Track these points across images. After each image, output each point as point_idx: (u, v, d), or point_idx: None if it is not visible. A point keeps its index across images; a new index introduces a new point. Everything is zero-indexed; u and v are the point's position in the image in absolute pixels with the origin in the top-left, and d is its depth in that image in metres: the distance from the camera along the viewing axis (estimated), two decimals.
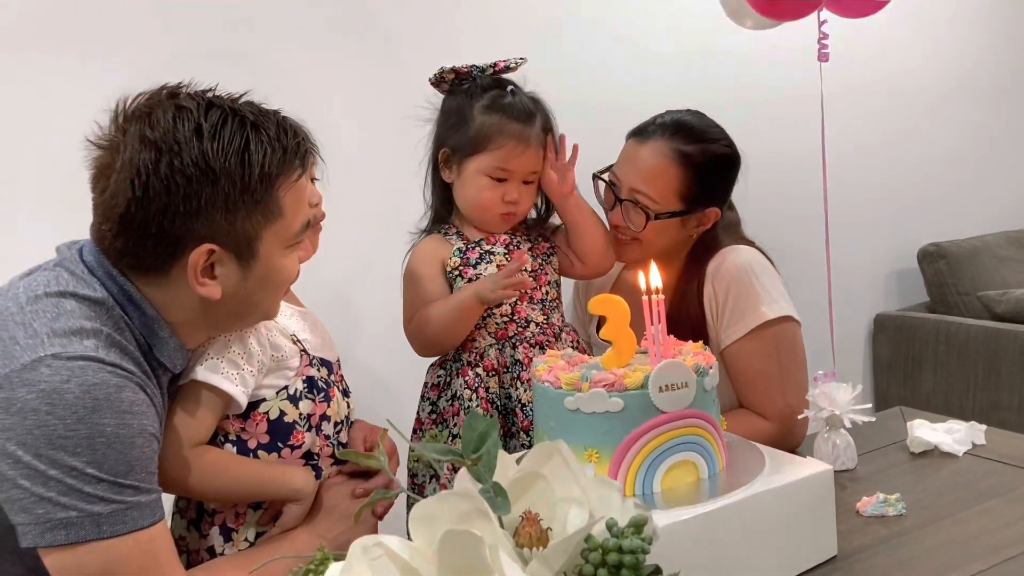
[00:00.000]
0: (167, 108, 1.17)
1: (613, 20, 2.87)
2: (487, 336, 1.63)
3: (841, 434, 1.63)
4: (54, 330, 1.12)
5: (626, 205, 1.76)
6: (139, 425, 1.14)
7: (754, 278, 1.75)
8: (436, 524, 0.75)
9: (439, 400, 1.66)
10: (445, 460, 0.79)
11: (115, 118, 1.20)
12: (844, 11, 1.93)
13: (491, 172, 1.61)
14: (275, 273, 1.27)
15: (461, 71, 1.64)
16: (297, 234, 1.28)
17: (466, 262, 1.64)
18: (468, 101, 1.62)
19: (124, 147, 1.16)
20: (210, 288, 1.22)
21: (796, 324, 1.78)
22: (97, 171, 1.20)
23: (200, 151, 1.15)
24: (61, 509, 1.08)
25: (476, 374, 1.61)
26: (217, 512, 1.37)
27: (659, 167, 1.74)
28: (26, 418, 1.07)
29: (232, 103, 1.22)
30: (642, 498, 1.22)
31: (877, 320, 3.63)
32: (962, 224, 3.73)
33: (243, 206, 1.19)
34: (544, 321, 1.65)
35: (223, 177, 1.17)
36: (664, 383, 1.22)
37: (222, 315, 1.27)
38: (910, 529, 1.39)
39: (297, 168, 1.25)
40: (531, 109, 1.63)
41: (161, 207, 1.15)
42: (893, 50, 3.51)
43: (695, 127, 1.78)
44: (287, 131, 1.24)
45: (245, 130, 1.19)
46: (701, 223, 1.81)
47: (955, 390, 3.33)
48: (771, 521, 1.24)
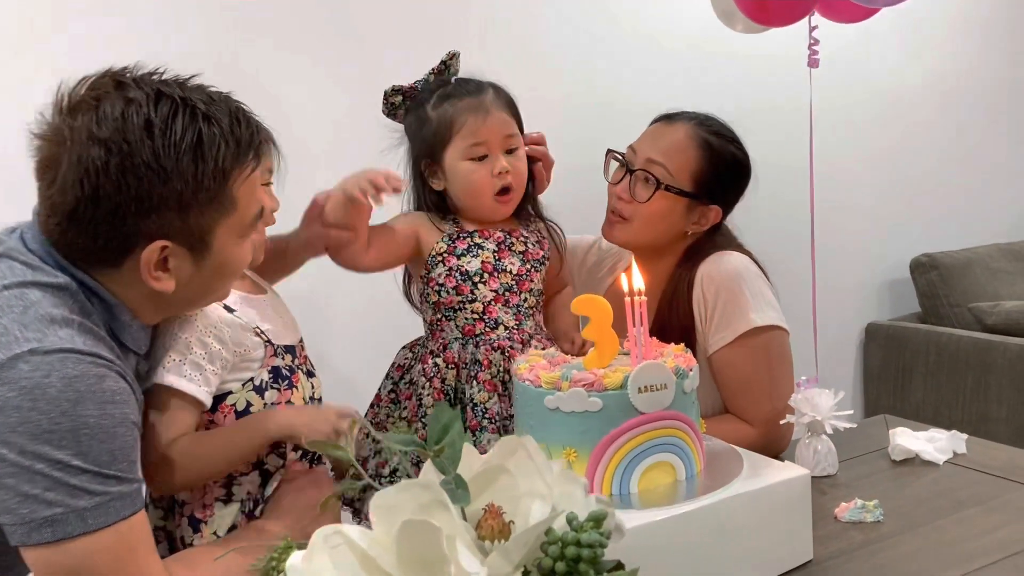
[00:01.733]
0: (115, 101, 1.14)
1: (599, 27, 2.87)
2: (455, 329, 1.62)
3: (823, 440, 1.63)
4: (25, 324, 1.10)
5: (637, 175, 1.79)
6: (121, 414, 1.13)
7: (744, 284, 1.75)
8: (396, 514, 0.75)
9: (400, 381, 1.67)
10: (409, 451, 0.79)
11: (59, 107, 1.16)
12: (835, 16, 1.93)
13: (468, 153, 1.60)
14: (229, 263, 1.26)
15: (406, 89, 1.65)
16: (251, 224, 1.27)
17: (452, 250, 1.63)
18: (420, 108, 1.63)
19: (71, 142, 1.13)
20: (164, 282, 1.20)
21: (784, 333, 1.78)
22: (42, 163, 1.16)
23: (152, 151, 1.13)
24: (46, 507, 1.07)
25: (435, 364, 1.60)
26: (186, 503, 1.37)
27: (682, 144, 1.79)
28: (9, 416, 1.06)
29: (182, 90, 1.18)
30: (619, 498, 1.22)
31: (868, 329, 3.63)
32: (955, 235, 3.73)
33: (197, 203, 1.17)
34: (515, 326, 1.63)
35: (175, 176, 1.14)
36: (643, 384, 1.22)
37: (175, 302, 1.26)
38: (886, 536, 1.39)
39: (251, 160, 1.23)
40: (480, 83, 1.64)
41: (112, 207, 1.13)
42: (885, 59, 3.52)
43: (721, 124, 1.85)
44: (240, 121, 1.21)
45: (197, 123, 1.16)
46: (700, 220, 1.82)
47: (945, 401, 3.33)
48: (747, 524, 1.24)
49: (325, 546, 0.76)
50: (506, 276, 1.63)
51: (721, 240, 1.85)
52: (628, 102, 2.73)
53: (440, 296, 1.62)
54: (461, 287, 1.61)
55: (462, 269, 1.61)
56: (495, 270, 1.62)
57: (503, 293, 1.62)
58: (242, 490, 1.38)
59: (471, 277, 1.61)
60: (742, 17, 1.92)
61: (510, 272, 1.63)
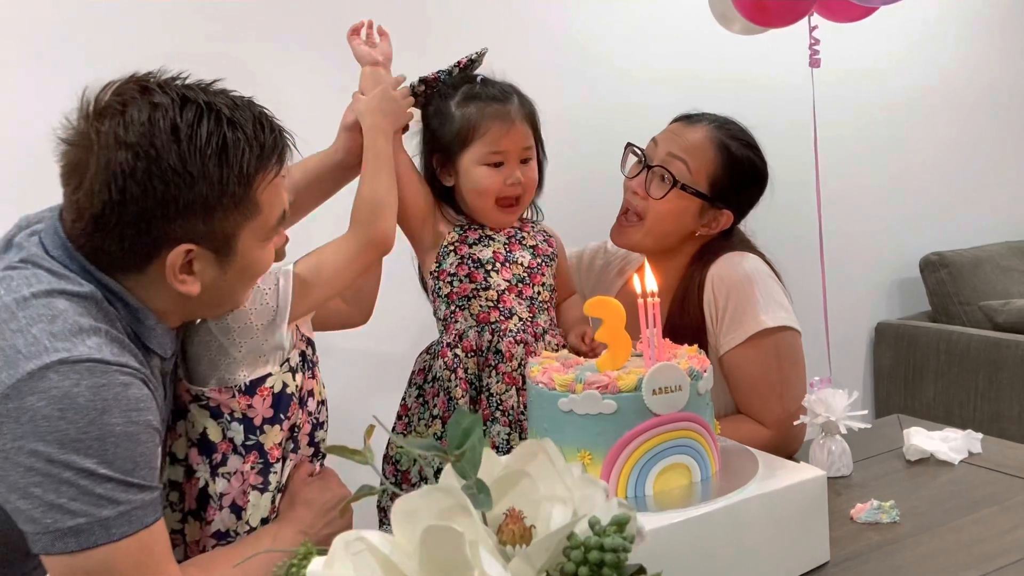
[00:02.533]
0: (142, 106, 1.15)
1: (601, 27, 2.87)
2: (469, 318, 1.62)
3: (837, 440, 1.62)
4: (54, 334, 1.11)
5: (654, 171, 1.79)
6: (144, 421, 1.14)
7: (755, 285, 1.75)
8: (418, 519, 0.75)
9: (424, 384, 1.67)
10: (430, 455, 0.79)
11: (85, 113, 1.17)
12: (834, 16, 1.92)
13: (485, 159, 1.62)
14: (252, 266, 1.28)
15: (429, 79, 1.65)
16: (274, 228, 1.29)
17: (463, 239, 1.64)
18: (444, 103, 1.64)
19: (98, 147, 1.13)
20: (189, 285, 1.21)
21: (796, 334, 1.78)
22: (68, 168, 1.17)
23: (178, 155, 1.14)
24: (70, 516, 1.08)
25: (455, 354, 1.61)
26: (224, 495, 1.38)
27: (702, 145, 1.80)
28: (38, 425, 1.07)
29: (206, 95, 1.20)
30: (634, 500, 1.22)
31: (878, 329, 3.62)
32: (965, 234, 3.72)
33: (221, 207, 1.18)
34: (529, 318, 1.64)
35: (201, 180, 1.15)
36: (657, 386, 1.22)
37: (198, 306, 1.28)
38: (903, 536, 1.39)
39: (275, 165, 1.24)
40: (506, 89, 1.65)
41: (138, 211, 1.14)
42: (891, 57, 3.50)
43: (742, 129, 1.86)
44: (264, 126, 1.22)
45: (222, 128, 1.17)
46: (712, 224, 1.82)
47: (956, 400, 3.32)
48: (763, 525, 1.23)
49: (347, 552, 0.76)
50: (518, 268, 1.64)
51: (733, 241, 1.85)
52: (629, 107, 2.73)
53: (453, 286, 1.63)
54: (474, 274, 1.62)
55: (474, 256, 1.62)
56: (507, 261, 1.64)
57: (516, 284, 1.64)
58: (276, 479, 1.40)
59: (483, 264, 1.62)
60: (740, 18, 1.91)
61: (521, 264, 1.65)
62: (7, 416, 1.08)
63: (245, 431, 1.37)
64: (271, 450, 1.38)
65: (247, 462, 1.37)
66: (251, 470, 1.37)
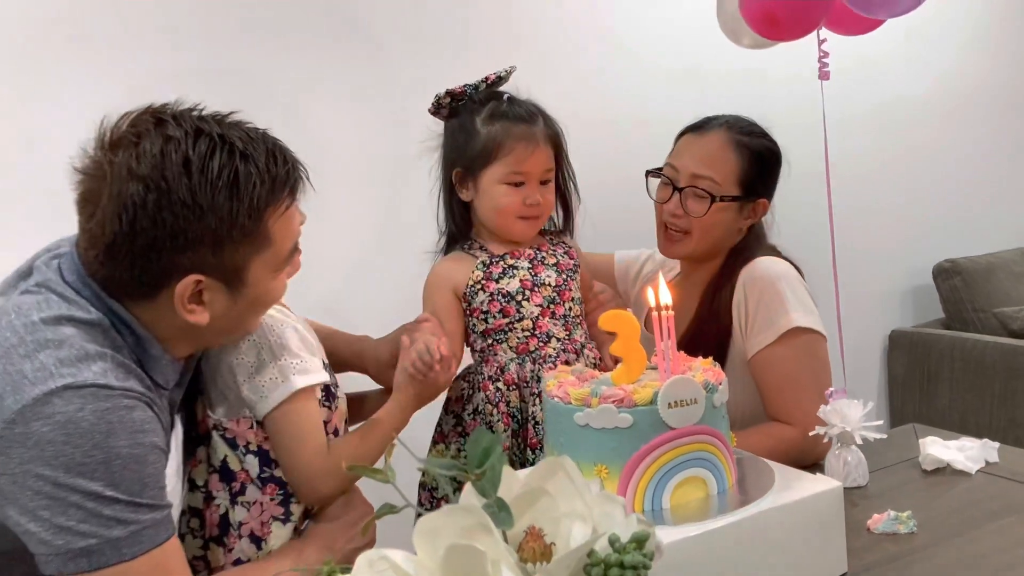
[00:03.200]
0: (155, 138, 1.16)
1: (612, 39, 2.88)
2: (508, 351, 1.64)
3: (852, 451, 1.62)
4: (60, 360, 1.13)
5: (686, 192, 1.82)
6: (150, 442, 1.16)
7: (785, 286, 1.77)
8: (440, 538, 0.76)
9: (463, 413, 1.67)
10: (450, 475, 0.80)
11: (101, 143, 1.19)
12: (843, 29, 1.93)
13: (507, 178, 1.63)
14: (263, 295, 1.29)
15: (456, 92, 1.66)
16: (286, 259, 1.29)
17: (488, 276, 1.65)
18: (469, 118, 1.65)
19: (111, 177, 1.15)
20: (198, 315, 1.22)
21: (823, 338, 1.80)
22: (83, 197, 1.19)
23: (188, 188, 1.15)
24: (81, 538, 1.10)
25: (497, 388, 1.62)
26: (243, 523, 1.38)
27: (720, 153, 1.83)
28: (44, 450, 1.09)
29: (220, 127, 1.21)
30: (651, 514, 1.22)
31: (892, 337, 3.62)
32: (977, 240, 3.71)
33: (231, 239, 1.19)
34: (566, 337, 1.66)
35: (211, 213, 1.16)
36: (673, 399, 1.22)
37: (208, 334, 1.29)
38: (921, 547, 1.38)
39: (286, 198, 1.25)
40: (532, 110, 1.67)
41: (148, 241, 1.15)
42: (900, 66, 3.51)
43: (748, 122, 1.90)
44: (276, 158, 1.23)
45: (234, 161, 1.18)
46: (752, 215, 1.87)
47: (971, 407, 3.31)
48: (780, 538, 1.23)
49: (370, 571, 0.77)
50: (546, 289, 1.66)
51: (764, 247, 1.89)
52: (641, 117, 2.75)
53: (488, 323, 1.64)
54: (507, 309, 1.63)
55: (503, 291, 1.63)
56: (535, 285, 1.65)
57: (548, 306, 1.65)
58: (298, 509, 1.41)
59: (514, 297, 1.63)
60: (749, 33, 1.92)
61: (549, 285, 1.66)
62: (14, 441, 1.09)
63: (260, 464, 1.38)
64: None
65: (266, 493, 1.38)
66: (271, 501, 1.38)
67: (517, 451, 1.63)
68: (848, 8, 1.85)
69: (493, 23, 2.67)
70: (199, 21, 2.23)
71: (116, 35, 2.14)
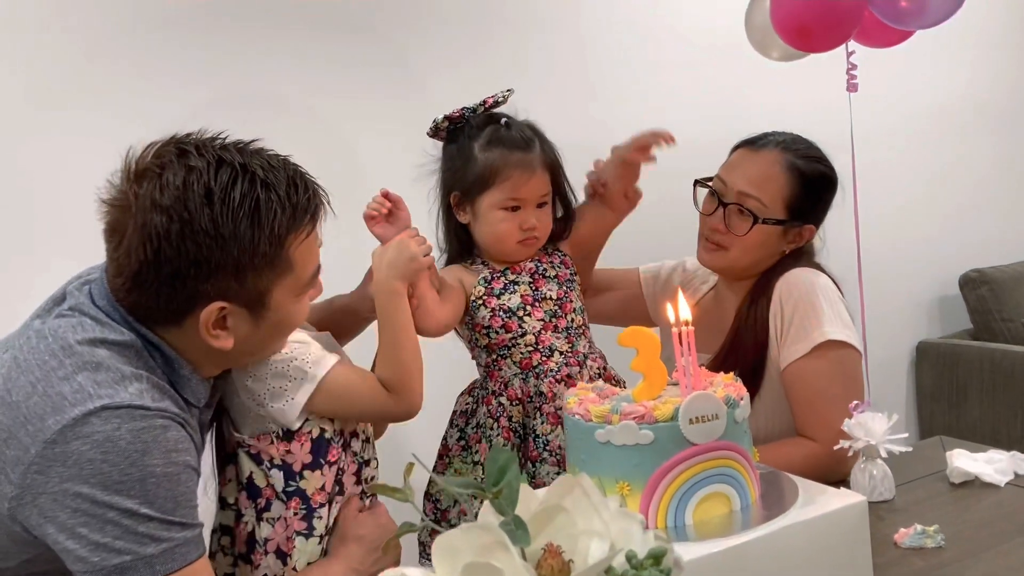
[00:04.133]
0: (178, 169, 1.19)
1: (639, 54, 2.89)
2: (512, 365, 1.65)
3: (878, 464, 1.61)
4: (98, 381, 1.16)
5: (731, 209, 1.81)
6: (183, 461, 1.19)
7: (822, 299, 1.76)
8: (458, 556, 0.76)
9: (467, 427, 1.68)
10: (467, 493, 0.80)
11: (126, 174, 1.22)
12: (871, 41, 1.93)
13: (503, 204, 1.65)
14: (287, 319, 1.32)
15: (454, 116, 1.68)
16: (308, 283, 1.32)
17: (490, 291, 1.67)
18: (467, 143, 1.66)
19: (136, 209, 1.18)
20: (223, 340, 1.25)
21: (858, 354, 1.78)
22: (110, 227, 1.23)
23: (211, 218, 1.18)
24: (116, 555, 1.12)
25: (499, 403, 1.64)
26: (268, 540, 1.40)
27: (771, 173, 1.81)
28: (83, 468, 1.12)
29: (242, 156, 1.23)
30: (674, 530, 1.22)
31: (919, 348, 3.58)
32: (1004, 250, 3.68)
33: (253, 266, 1.22)
34: (568, 350, 1.67)
35: (233, 241, 1.19)
36: (694, 415, 1.22)
37: (233, 357, 1.32)
38: (949, 561, 1.37)
39: (307, 225, 1.27)
40: (528, 136, 1.67)
41: (172, 270, 1.19)
42: (927, 76, 3.49)
43: (807, 144, 1.87)
44: (297, 186, 1.26)
45: (255, 190, 1.21)
46: (797, 239, 1.85)
47: (1002, 418, 3.27)
48: (805, 553, 1.22)
49: None
50: (548, 303, 1.66)
51: (803, 259, 1.87)
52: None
53: (491, 338, 1.65)
54: (508, 324, 1.64)
55: (504, 307, 1.64)
56: (535, 300, 1.66)
57: (550, 320, 1.66)
58: (321, 524, 1.41)
59: (515, 312, 1.64)
60: (779, 45, 1.93)
61: (551, 298, 1.68)
62: (55, 460, 1.13)
63: (285, 477, 1.39)
64: (314, 495, 1.40)
65: (290, 508, 1.39)
66: (294, 516, 1.39)
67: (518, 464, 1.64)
68: (878, 20, 1.85)
69: (534, 50, 2.69)
70: (225, 53, 2.27)
71: (146, 65, 2.18)
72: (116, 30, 2.14)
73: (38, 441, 1.13)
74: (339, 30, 2.42)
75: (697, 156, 1.93)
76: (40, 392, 1.15)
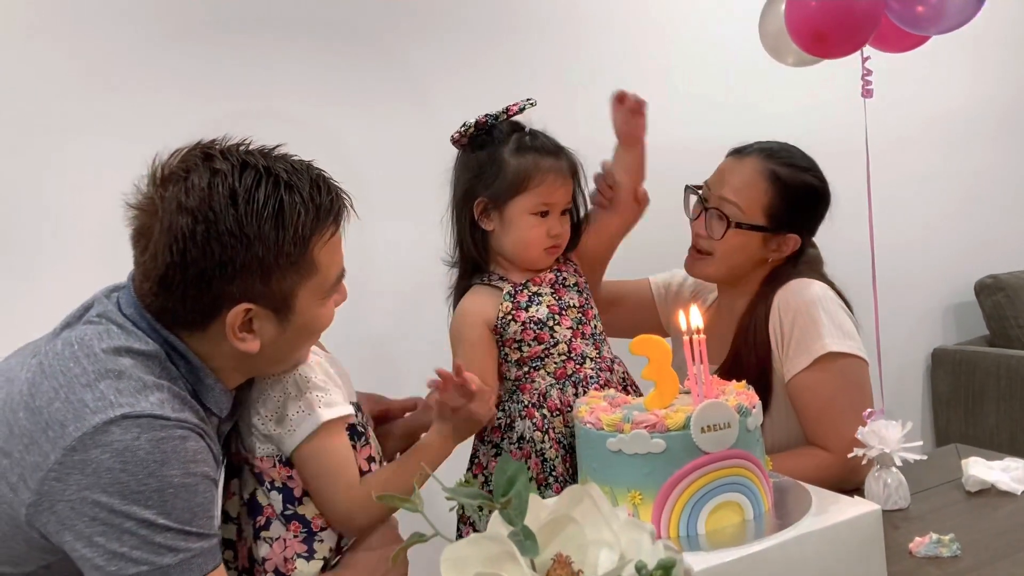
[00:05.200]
0: (203, 172, 1.21)
1: (650, 58, 2.88)
2: (547, 376, 1.65)
3: (893, 473, 1.60)
4: (120, 390, 1.17)
5: (710, 212, 1.83)
6: (201, 472, 1.20)
7: (821, 311, 1.75)
8: (467, 566, 0.76)
9: (502, 442, 1.68)
10: (476, 504, 0.80)
11: (153, 179, 1.24)
12: (887, 47, 1.92)
13: (535, 209, 1.65)
14: (312, 323, 1.32)
15: (479, 122, 1.68)
16: (333, 286, 1.33)
17: (517, 306, 1.67)
18: (495, 149, 1.67)
19: (162, 212, 1.20)
20: (249, 343, 1.26)
21: (862, 362, 1.77)
22: (137, 232, 1.24)
23: (235, 219, 1.19)
24: (133, 564, 1.13)
25: (543, 415, 1.63)
26: (267, 559, 1.39)
27: (751, 180, 1.82)
28: (101, 477, 1.13)
29: (266, 160, 1.25)
30: (687, 539, 1.21)
31: (935, 355, 3.55)
32: (1020, 255, 3.65)
33: (278, 267, 1.23)
34: (597, 355, 1.68)
35: (258, 242, 1.20)
36: (706, 424, 1.21)
37: (260, 362, 1.32)
38: (965, 571, 1.36)
39: (331, 226, 1.28)
40: (557, 144, 1.70)
41: (198, 272, 1.19)
42: (943, 81, 3.47)
43: (792, 153, 1.87)
44: (320, 188, 1.27)
45: (279, 192, 1.22)
46: (779, 248, 1.84)
47: (1019, 426, 3.23)
48: (819, 562, 1.22)
49: None
50: (573, 311, 1.68)
51: (803, 268, 1.87)
52: (682, 137, 2.74)
53: (523, 352, 1.65)
54: (540, 335, 1.65)
55: (534, 319, 1.65)
56: (561, 309, 1.66)
57: (577, 327, 1.67)
58: (323, 547, 1.41)
59: (545, 323, 1.65)
60: (793, 51, 1.91)
61: (574, 306, 1.69)
62: (74, 467, 1.13)
63: (284, 501, 1.39)
64: (314, 520, 1.40)
65: (290, 530, 1.39)
66: (294, 538, 1.39)
67: (569, 477, 1.64)
68: (893, 25, 1.83)
69: (544, 63, 2.70)
70: (240, 69, 2.29)
71: (149, 80, 2.20)
72: (123, 46, 2.15)
73: (58, 448, 1.14)
74: (345, 42, 2.43)
75: (708, 163, 1.93)
76: (63, 398, 1.16)
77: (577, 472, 1.60)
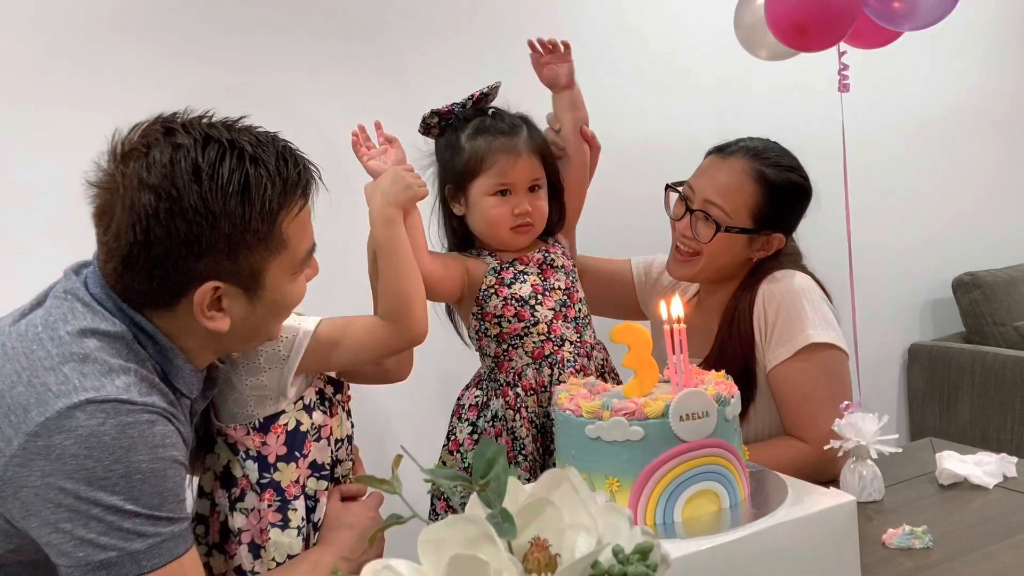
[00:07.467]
0: (164, 147, 1.17)
1: (631, 55, 2.88)
2: (524, 355, 1.66)
3: (868, 465, 1.61)
4: (84, 373, 1.14)
5: (696, 215, 1.80)
6: (169, 456, 1.17)
7: (804, 302, 1.76)
8: (444, 548, 0.76)
9: (478, 420, 1.68)
10: (454, 485, 0.80)
11: (113, 155, 1.20)
12: (861, 42, 1.93)
13: (492, 189, 1.66)
14: (283, 299, 1.29)
15: (443, 112, 1.69)
16: (303, 261, 1.30)
17: (501, 280, 1.67)
18: (455, 135, 1.68)
19: (123, 189, 1.16)
20: (218, 322, 1.23)
21: (843, 354, 1.78)
22: (98, 211, 1.20)
23: (200, 195, 1.15)
24: (101, 551, 1.10)
25: (516, 394, 1.64)
26: (243, 531, 1.39)
27: (737, 182, 1.80)
28: (66, 463, 1.10)
29: (230, 133, 1.21)
30: (663, 527, 1.22)
31: (911, 350, 3.59)
32: (997, 253, 3.68)
33: (246, 244, 1.20)
34: (577, 339, 1.69)
35: (224, 219, 1.17)
36: (685, 412, 1.22)
37: (230, 340, 1.29)
38: (937, 562, 1.37)
39: (299, 199, 1.25)
40: (516, 123, 1.69)
41: (163, 251, 1.16)
42: (920, 77, 3.49)
43: (777, 152, 1.85)
44: (287, 161, 1.24)
45: (244, 166, 1.18)
46: (765, 247, 1.84)
47: (992, 422, 3.27)
48: (793, 552, 1.23)
49: None
50: (557, 293, 1.68)
51: (785, 260, 1.87)
52: (661, 132, 2.74)
53: (502, 327, 1.66)
54: (521, 312, 1.65)
55: (516, 295, 1.65)
56: (546, 290, 1.67)
57: (560, 309, 1.68)
58: (296, 516, 1.41)
59: (527, 301, 1.65)
60: (768, 44, 1.92)
61: (560, 288, 1.70)
62: (37, 453, 1.10)
63: (259, 469, 1.39)
64: (288, 488, 1.40)
65: (264, 499, 1.38)
66: (268, 508, 1.38)
67: (539, 456, 1.65)
68: (870, 20, 1.84)
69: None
70: (220, 48, 2.26)
71: (136, 52, 2.17)
72: (101, 30, 2.13)
73: (20, 433, 1.10)
74: (338, 40, 2.42)
75: (685, 157, 1.93)
76: (25, 381, 1.13)
77: (546, 452, 1.62)
